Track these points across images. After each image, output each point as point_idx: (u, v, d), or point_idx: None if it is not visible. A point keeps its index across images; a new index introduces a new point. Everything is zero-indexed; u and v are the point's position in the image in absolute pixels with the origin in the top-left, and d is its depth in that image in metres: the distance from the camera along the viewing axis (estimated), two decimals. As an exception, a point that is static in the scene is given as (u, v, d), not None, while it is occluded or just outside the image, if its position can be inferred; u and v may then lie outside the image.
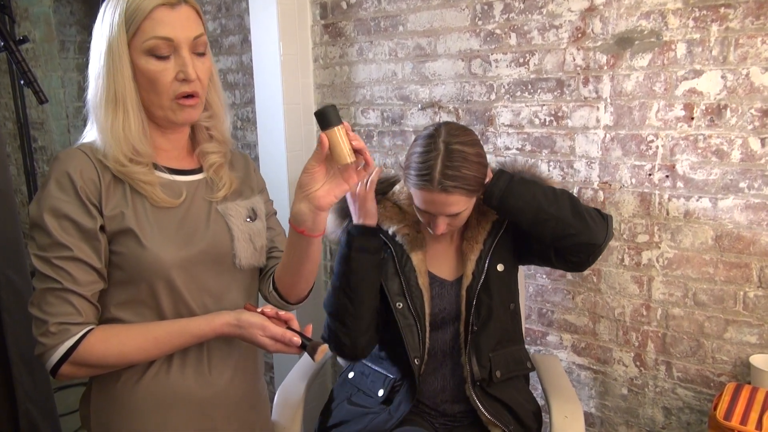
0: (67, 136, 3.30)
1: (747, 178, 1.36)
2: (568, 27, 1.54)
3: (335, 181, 0.98)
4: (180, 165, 1.07)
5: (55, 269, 0.92)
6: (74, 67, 3.26)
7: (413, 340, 1.33)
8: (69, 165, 0.94)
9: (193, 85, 0.97)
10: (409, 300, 1.33)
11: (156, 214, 1.00)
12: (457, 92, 1.77)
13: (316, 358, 0.97)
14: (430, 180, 1.20)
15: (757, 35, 1.30)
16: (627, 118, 1.49)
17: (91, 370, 0.97)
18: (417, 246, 1.36)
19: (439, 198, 1.21)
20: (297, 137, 2.08)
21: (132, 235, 0.96)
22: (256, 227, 1.10)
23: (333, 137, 0.92)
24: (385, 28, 1.89)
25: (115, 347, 0.95)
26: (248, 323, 0.99)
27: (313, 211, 0.98)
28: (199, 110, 1.02)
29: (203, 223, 1.04)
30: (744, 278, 1.39)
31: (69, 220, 0.93)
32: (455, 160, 1.20)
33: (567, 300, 1.67)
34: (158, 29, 0.93)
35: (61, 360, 0.93)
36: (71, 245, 0.93)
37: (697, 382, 1.50)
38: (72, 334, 0.93)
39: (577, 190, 1.60)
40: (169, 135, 1.05)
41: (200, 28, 0.99)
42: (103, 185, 0.96)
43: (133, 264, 0.97)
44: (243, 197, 1.12)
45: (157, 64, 0.95)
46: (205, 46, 1.00)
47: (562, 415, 1.38)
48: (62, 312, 0.93)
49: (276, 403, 1.46)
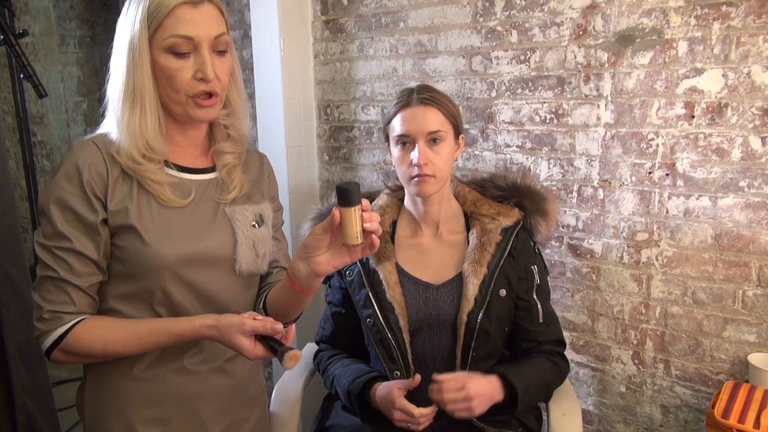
0: (66, 130, 3.30)
1: (747, 176, 1.35)
2: (569, 24, 1.53)
3: (339, 252, 0.98)
4: (193, 163, 1.07)
5: (55, 258, 0.95)
6: (74, 62, 3.25)
7: (388, 353, 1.32)
8: (79, 157, 0.96)
9: (211, 84, 0.98)
10: (380, 313, 1.32)
11: (161, 212, 1.00)
12: (458, 89, 1.76)
13: (286, 365, 0.92)
14: (409, 98, 1.31)
15: (758, 34, 1.30)
16: (627, 116, 1.49)
17: (80, 358, 0.99)
18: (384, 257, 1.34)
19: (418, 111, 1.29)
20: (297, 133, 2.08)
21: (134, 232, 0.97)
22: (261, 234, 1.09)
23: (346, 216, 0.93)
24: (385, 24, 1.89)
25: (100, 338, 0.97)
26: (226, 324, 0.95)
27: (309, 274, 0.99)
28: (217, 109, 1.02)
29: (208, 224, 1.04)
30: (743, 277, 1.39)
31: (72, 212, 0.95)
32: (431, 89, 1.34)
33: (566, 297, 1.67)
34: (179, 27, 0.94)
35: (53, 345, 0.96)
36: (72, 236, 0.95)
37: (695, 380, 1.50)
38: (64, 323, 0.96)
39: (577, 188, 1.60)
40: (188, 131, 1.06)
41: (222, 27, 0.98)
42: (110, 179, 0.97)
43: (134, 260, 0.98)
44: (252, 202, 1.11)
45: (176, 62, 0.96)
46: (227, 45, 1.00)
47: (560, 413, 1.38)
48: (57, 300, 0.96)
49: (274, 399, 1.46)
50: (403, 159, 1.31)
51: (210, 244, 1.03)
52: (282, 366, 0.93)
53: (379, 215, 1.38)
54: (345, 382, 1.31)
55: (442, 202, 1.38)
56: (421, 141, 1.28)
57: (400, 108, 1.31)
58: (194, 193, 1.04)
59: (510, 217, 1.37)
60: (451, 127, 1.32)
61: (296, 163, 2.08)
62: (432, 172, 1.28)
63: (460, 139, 1.37)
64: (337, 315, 1.45)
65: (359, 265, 1.36)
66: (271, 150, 2.07)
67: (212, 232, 1.04)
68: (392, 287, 1.33)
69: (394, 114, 1.32)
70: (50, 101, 3.29)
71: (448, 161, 1.31)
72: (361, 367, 1.35)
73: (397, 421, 1.22)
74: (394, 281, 1.33)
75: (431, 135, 1.28)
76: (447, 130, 1.31)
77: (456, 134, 1.35)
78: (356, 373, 1.32)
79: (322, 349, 1.48)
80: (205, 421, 1.07)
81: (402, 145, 1.31)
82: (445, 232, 1.39)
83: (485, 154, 1.74)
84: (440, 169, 1.29)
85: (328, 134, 2.13)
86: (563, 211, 1.63)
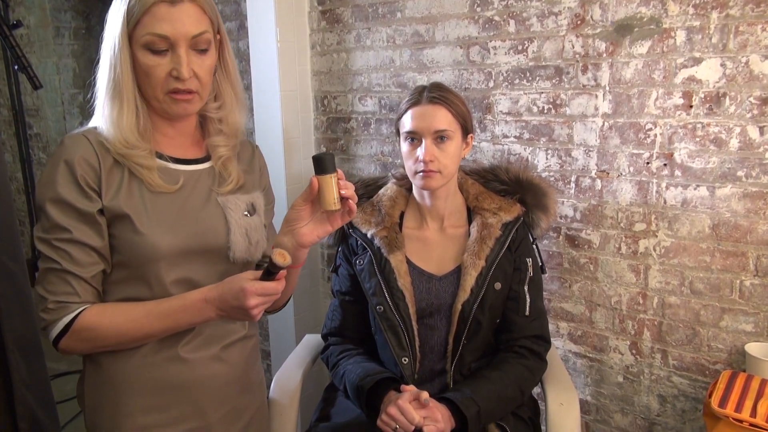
0: (62, 122, 3.28)
1: (745, 166, 1.35)
2: (567, 14, 1.53)
3: (320, 221, 1.04)
4: (184, 154, 1.08)
5: (56, 250, 0.96)
6: (69, 53, 3.23)
7: (398, 340, 1.35)
8: (71, 152, 0.96)
9: (187, 83, 0.98)
10: (390, 302, 1.35)
11: (153, 200, 1.01)
12: (455, 80, 1.76)
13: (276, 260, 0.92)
14: (420, 96, 1.34)
15: (757, 23, 1.29)
16: (625, 106, 1.48)
17: (89, 345, 1.00)
18: (395, 247, 1.38)
19: (427, 110, 1.32)
20: (294, 124, 2.07)
21: (127, 221, 0.98)
22: (253, 222, 1.11)
23: (323, 183, 0.99)
24: (383, 14, 1.88)
25: (108, 322, 0.98)
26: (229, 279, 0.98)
27: (295, 246, 1.03)
28: (195, 105, 1.02)
29: (201, 213, 1.05)
30: (740, 267, 1.39)
31: (68, 205, 0.95)
32: (442, 88, 1.36)
33: (564, 288, 1.67)
34: (155, 25, 0.94)
35: (60, 333, 0.97)
36: (71, 227, 0.95)
37: (692, 370, 1.50)
38: (70, 311, 0.96)
39: (575, 178, 1.60)
40: (175, 123, 1.06)
41: (202, 26, 0.98)
42: (103, 171, 0.98)
43: (128, 248, 0.99)
44: (243, 191, 1.12)
45: (152, 59, 0.96)
46: (208, 44, 0.99)
47: (557, 403, 1.38)
48: (61, 291, 0.96)
49: (273, 388, 1.47)
50: (410, 154, 1.34)
51: (203, 233, 1.03)
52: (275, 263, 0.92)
53: (389, 206, 1.43)
54: (355, 378, 1.32)
55: (448, 197, 1.41)
56: (428, 139, 1.31)
57: (411, 105, 1.35)
58: (182, 181, 1.04)
59: (511, 213, 1.40)
60: (459, 127, 1.34)
61: (294, 155, 2.08)
62: (437, 169, 1.31)
63: (469, 138, 1.39)
64: (346, 303, 1.47)
65: (371, 254, 1.39)
66: (267, 142, 2.06)
67: (204, 220, 1.04)
68: (403, 276, 1.36)
69: (405, 110, 1.36)
70: (46, 93, 3.28)
71: (454, 159, 1.34)
72: (373, 366, 1.36)
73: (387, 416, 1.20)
74: (405, 270, 1.37)
75: (438, 133, 1.31)
76: (455, 129, 1.33)
77: (464, 133, 1.37)
78: (367, 371, 1.33)
79: (332, 343, 1.48)
80: (205, 409, 1.08)
81: (410, 141, 1.34)
82: (449, 226, 1.42)
83: (483, 144, 1.74)
84: (446, 166, 1.32)
85: (326, 126, 2.12)
86: (561, 202, 1.63)
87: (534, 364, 1.37)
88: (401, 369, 1.35)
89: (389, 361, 1.39)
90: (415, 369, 1.36)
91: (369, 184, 1.54)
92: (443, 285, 1.37)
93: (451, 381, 1.36)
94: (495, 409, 1.28)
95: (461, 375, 1.36)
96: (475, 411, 1.23)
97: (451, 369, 1.35)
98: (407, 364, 1.35)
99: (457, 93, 1.38)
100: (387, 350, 1.37)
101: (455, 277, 1.37)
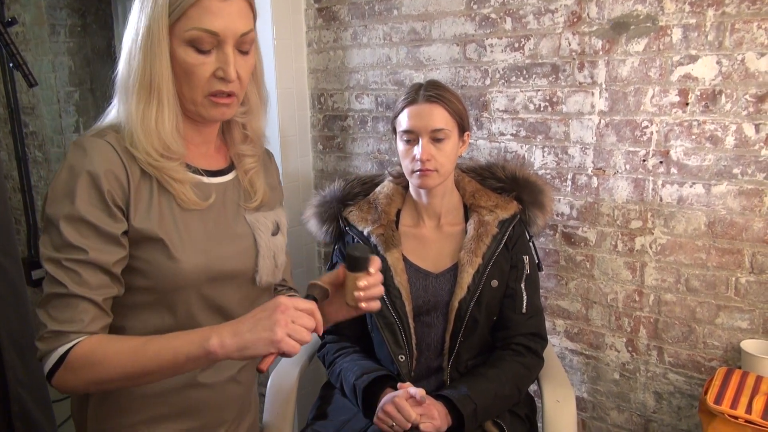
0: (58, 120, 3.27)
1: (740, 164, 1.36)
2: (563, 11, 1.53)
3: (340, 304, 1.01)
4: (208, 164, 0.99)
5: (66, 271, 0.83)
6: (65, 51, 3.21)
7: (394, 338, 1.35)
8: (96, 162, 0.84)
9: (231, 85, 0.89)
10: (387, 299, 1.34)
11: (184, 219, 0.92)
12: (452, 77, 1.75)
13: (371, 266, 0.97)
14: (416, 95, 1.33)
15: (752, 20, 1.29)
16: (622, 104, 1.48)
17: (82, 381, 0.84)
18: (392, 245, 1.38)
19: (424, 108, 1.31)
20: (291, 122, 2.07)
21: (160, 245, 0.88)
22: (279, 242, 1.04)
23: (349, 279, 0.98)
24: (379, 12, 1.87)
25: (101, 354, 0.83)
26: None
27: None
28: (233, 109, 0.94)
29: (231, 232, 0.98)
30: (736, 264, 1.40)
31: (88, 224, 0.84)
32: (439, 86, 1.35)
33: (560, 286, 1.67)
34: (204, 20, 0.84)
35: (54, 367, 0.83)
36: (87, 248, 0.84)
37: (688, 367, 1.51)
38: (67, 341, 0.83)
39: (571, 176, 1.60)
40: (202, 128, 0.97)
41: (250, 24, 0.90)
42: (132, 186, 0.87)
43: (158, 274, 0.89)
44: (267, 207, 1.05)
45: (196, 57, 0.86)
46: (251, 44, 0.92)
47: (554, 400, 1.39)
48: (63, 318, 0.84)
49: (270, 387, 1.46)
50: (407, 153, 1.34)
51: (234, 256, 0.96)
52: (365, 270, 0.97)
53: (386, 204, 1.43)
54: (352, 377, 1.32)
55: (445, 195, 1.40)
56: (424, 137, 1.31)
57: (407, 104, 1.34)
58: (215, 196, 0.96)
59: (507, 210, 1.40)
60: (456, 125, 1.34)
61: (290, 153, 2.07)
62: (434, 167, 1.31)
63: (466, 136, 1.39)
64: None
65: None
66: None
67: (234, 241, 0.97)
68: (399, 273, 1.36)
69: (401, 109, 1.35)
70: (42, 91, 3.26)
71: (451, 157, 1.33)
72: (370, 364, 1.36)
73: (384, 413, 1.21)
74: (401, 268, 1.37)
75: (435, 132, 1.31)
76: (451, 128, 1.32)
77: (461, 131, 1.36)
78: (364, 369, 1.33)
79: (328, 341, 1.48)
80: (211, 423, 1.04)
81: (407, 140, 1.34)
82: (446, 224, 1.42)
83: (479, 142, 1.74)
84: (443, 164, 1.32)
85: (322, 123, 2.12)
86: (557, 200, 1.63)
87: (531, 362, 1.37)
88: (398, 367, 1.35)
89: (386, 358, 1.39)
90: (412, 366, 1.36)
91: (366, 181, 1.54)
92: (440, 282, 1.37)
93: (448, 378, 1.36)
94: (492, 406, 1.28)
95: (458, 372, 1.36)
96: (471, 409, 1.23)
97: (448, 366, 1.35)
98: (404, 362, 1.35)
99: (454, 91, 1.37)
100: (383, 348, 1.37)
101: (452, 275, 1.37)
